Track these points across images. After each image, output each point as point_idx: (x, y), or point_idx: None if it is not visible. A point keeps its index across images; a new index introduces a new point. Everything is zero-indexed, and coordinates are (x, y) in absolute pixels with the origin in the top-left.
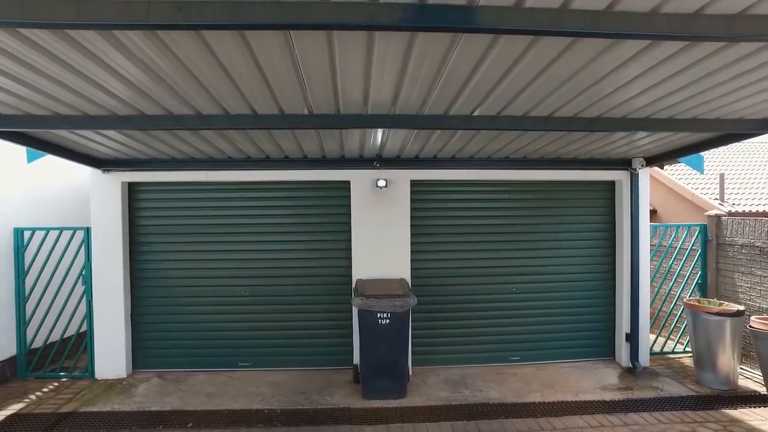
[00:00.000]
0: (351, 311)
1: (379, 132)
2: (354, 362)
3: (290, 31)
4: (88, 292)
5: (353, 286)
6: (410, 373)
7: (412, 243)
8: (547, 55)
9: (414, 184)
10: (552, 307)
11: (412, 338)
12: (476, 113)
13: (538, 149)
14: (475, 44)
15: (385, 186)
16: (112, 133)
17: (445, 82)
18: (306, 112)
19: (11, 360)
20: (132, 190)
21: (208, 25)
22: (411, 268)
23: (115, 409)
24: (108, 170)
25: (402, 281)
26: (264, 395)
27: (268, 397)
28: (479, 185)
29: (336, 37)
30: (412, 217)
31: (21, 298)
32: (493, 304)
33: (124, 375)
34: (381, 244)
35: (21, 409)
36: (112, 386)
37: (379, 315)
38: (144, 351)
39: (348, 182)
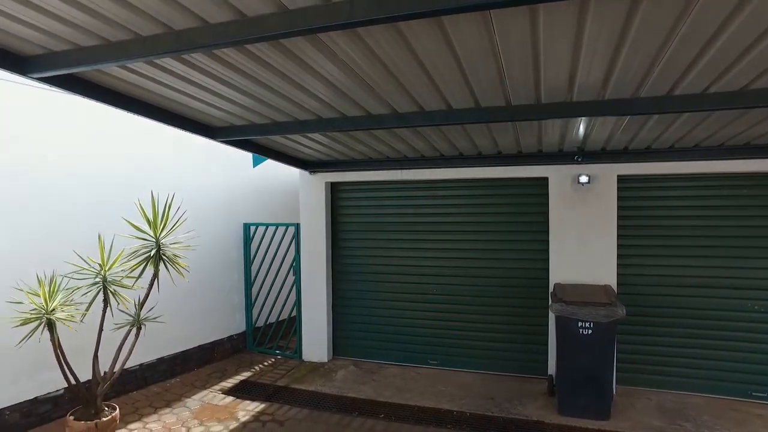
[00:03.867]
0: (546, 317)
1: (583, 122)
2: (549, 372)
3: (491, 13)
4: (297, 282)
5: (550, 290)
6: (614, 392)
7: (619, 246)
8: None
9: (622, 179)
10: None
11: (617, 353)
12: (712, 90)
13: None
14: None
15: (588, 182)
16: (317, 136)
17: (676, 50)
18: (503, 103)
19: (242, 334)
20: (334, 190)
21: (406, 16)
22: (617, 274)
23: (318, 389)
24: (314, 171)
25: (607, 288)
26: (452, 396)
27: (456, 398)
28: (706, 179)
29: (542, 13)
30: (619, 217)
31: (248, 283)
32: (726, 323)
33: (325, 360)
34: (582, 246)
35: (249, 377)
36: (315, 368)
37: (580, 324)
38: (343, 340)
39: (545, 179)
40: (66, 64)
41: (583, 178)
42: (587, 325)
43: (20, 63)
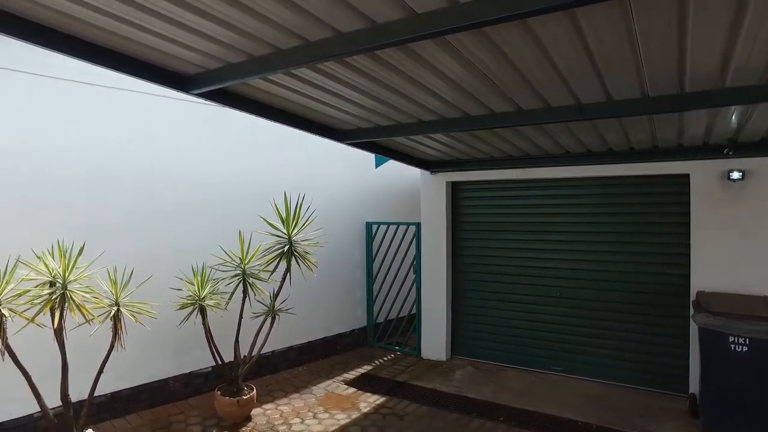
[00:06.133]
0: (685, 327)
1: (738, 111)
2: (690, 390)
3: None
4: (417, 281)
5: (692, 298)
6: None
7: None
8: None
9: None
10: None
11: None
12: None
13: None
14: None
15: (741, 178)
16: (439, 136)
17: None
18: (639, 95)
19: (363, 329)
20: (455, 189)
21: (539, 11)
22: None
23: (436, 387)
24: (435, 171)
25: None
26: (576, 404)
27: (580, 407)
28: None
29: None
30: None
31: (370, 280)
32: None
33: (443, 358)
34: (733, 251)
35: (369, 371)
36: (434, 366)
37: (732, 339)
38: (461, 339)
39: (686, 175)
40: (218, 80)
41: (736, 174)
42: (742, 341)
43: (182, 82)
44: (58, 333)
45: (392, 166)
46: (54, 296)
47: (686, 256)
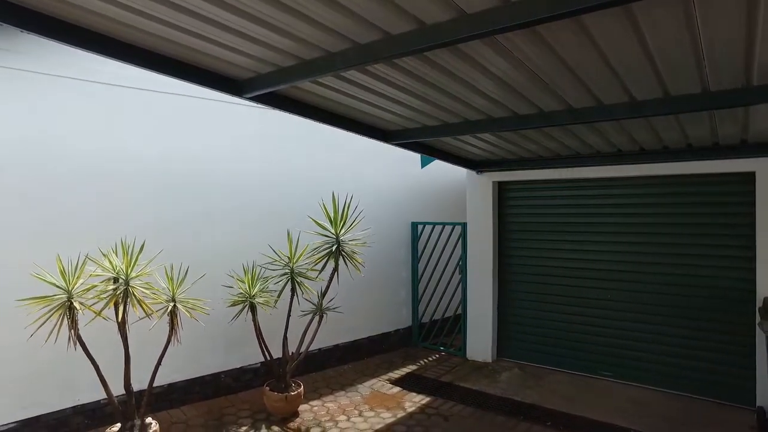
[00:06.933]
0: (750, 335)
1: None
2: (757, 403)
3: None
4: (463, 281)
5: (759, 304)
6: None
7: None
8: None
9: None
10: None
11: None
12: None
13: None
14: None
15: None
16: (487, 135)
17: None
18: (699, 90)
19: (408, 329)
20: (502, 189)
21: (595, 6)
22: None
23: (482, 389)
24: (481, 171)
25: None
26: (628, 412)
27: (633, 415)
28: None
29: None
30: None
31: (415, 280)
32: None
33: (489, 360)
34: None
35: (414, 370)
36: (479, 368)
37: None
38: (507, 341)
39: (751, 174)
40: (270, 84)
41: None
42: None
43: (236, 87)
44: (122, 326)
45: (438, 166)
46: (118, 291)
47: (750, 259)
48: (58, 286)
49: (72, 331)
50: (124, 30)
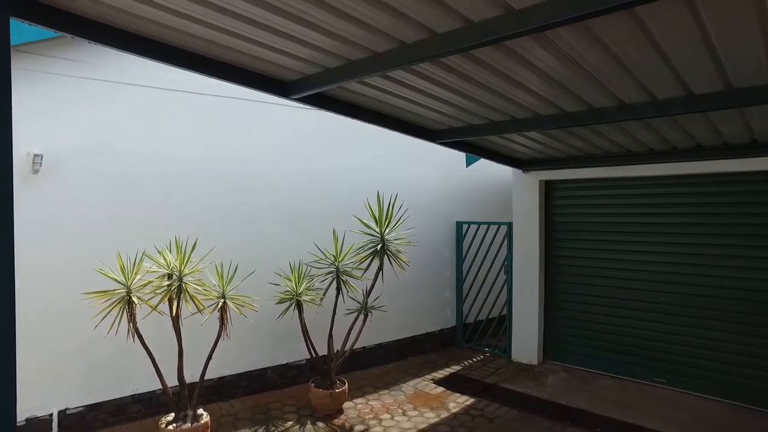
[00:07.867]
0: None
1: None
2: None
3: None
4: (508, 282)
5: None
6: None
7: None
8: None
9: None
10: None
11: None
12: None
13: None
14: None
15: None
16: (533, 134)
17: None
18: (766, 82)
19: (452, 329)
20: (548, 188)
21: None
22: None
23: (527, 392)
24: (528, 170)
25: None
26: (682, 421)
27: (688, 424)
28: None
29: None
30: None
31: (459, 280)
32: None
33: (535, 362)
34: None
35: (459, 371)
36: (525, 370)
37: None
38: (554, 343)
39: None
40: (316, 85)
41: None
42: None
43: (283, 88)
44: (175, 320)
45: (483, 164)
46: (172, 287)
47: None
48: (118, 281)
49: (131, 324)
50: (176, 36)
